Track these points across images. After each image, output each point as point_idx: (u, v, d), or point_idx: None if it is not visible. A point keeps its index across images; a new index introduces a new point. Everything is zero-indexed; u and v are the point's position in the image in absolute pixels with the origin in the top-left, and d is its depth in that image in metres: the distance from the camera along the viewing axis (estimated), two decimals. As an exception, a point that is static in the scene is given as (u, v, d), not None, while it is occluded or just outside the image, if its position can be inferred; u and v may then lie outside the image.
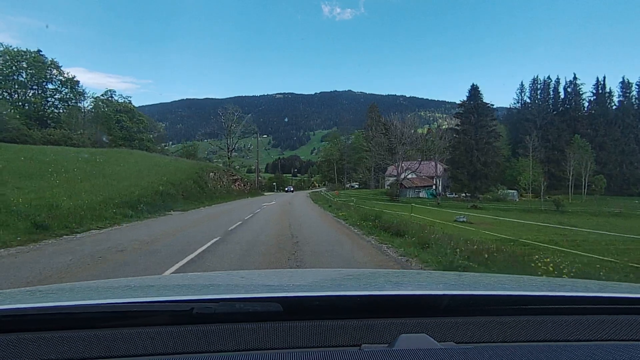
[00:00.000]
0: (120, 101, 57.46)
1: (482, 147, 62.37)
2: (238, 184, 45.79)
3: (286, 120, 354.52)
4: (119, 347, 0.91)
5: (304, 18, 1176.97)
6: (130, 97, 54.55)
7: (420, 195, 60.94)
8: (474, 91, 66.63)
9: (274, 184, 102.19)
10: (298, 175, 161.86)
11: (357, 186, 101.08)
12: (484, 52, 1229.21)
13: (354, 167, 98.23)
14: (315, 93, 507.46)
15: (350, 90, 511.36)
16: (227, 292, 1.36)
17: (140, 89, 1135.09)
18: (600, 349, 0.94)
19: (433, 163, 57.08)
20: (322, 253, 8.68)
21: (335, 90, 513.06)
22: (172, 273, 6.27)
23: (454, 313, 1.08)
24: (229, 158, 61.08)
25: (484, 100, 66.43)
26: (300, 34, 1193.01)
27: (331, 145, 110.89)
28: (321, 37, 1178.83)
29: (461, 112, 67.48)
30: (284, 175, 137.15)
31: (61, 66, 52.88)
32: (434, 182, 56.60)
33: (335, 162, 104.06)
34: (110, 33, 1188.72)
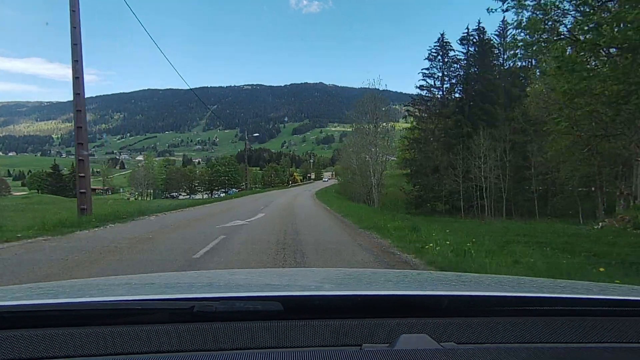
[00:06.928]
0: None
1: None
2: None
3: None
4: (120, 345, 0.91)
5: (270, 9, 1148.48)
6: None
7: None
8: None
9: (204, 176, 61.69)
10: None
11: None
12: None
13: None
14: (286, 85, 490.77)
15: (321, 83, 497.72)
16: (228, 290, 1.36)
17: (104, 80, 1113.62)
18: (601, 351, 0.94)
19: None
20: None
21: (306, 82, 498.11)
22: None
23: (455, 313, 1.08)
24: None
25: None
26: (267, 24, 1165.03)
27: None
28: (290, 29, 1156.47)
29: None
30: (253, 168, 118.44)
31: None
32: None
33: (461, 80, 30.41)
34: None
